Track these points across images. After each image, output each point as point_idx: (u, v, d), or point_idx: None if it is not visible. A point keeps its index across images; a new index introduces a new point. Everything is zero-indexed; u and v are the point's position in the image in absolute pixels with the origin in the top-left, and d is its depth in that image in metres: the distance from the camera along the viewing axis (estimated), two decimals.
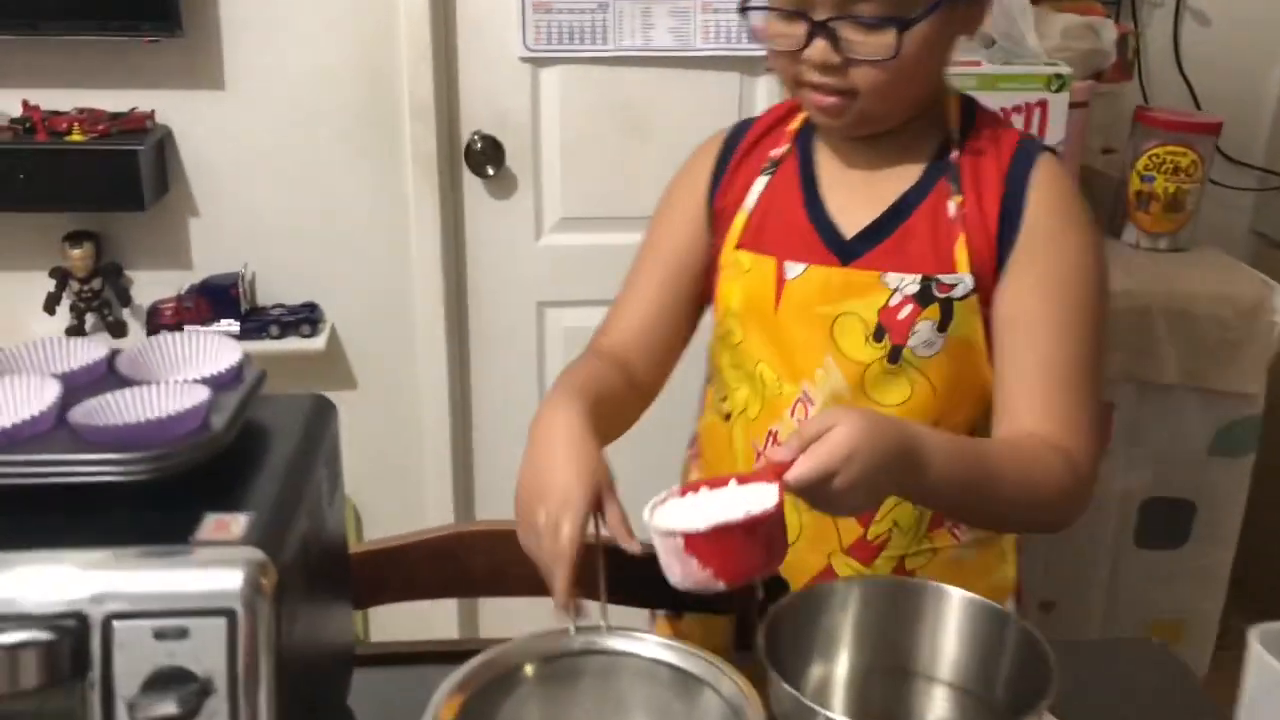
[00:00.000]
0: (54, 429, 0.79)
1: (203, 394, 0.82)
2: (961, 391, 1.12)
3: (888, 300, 1.09)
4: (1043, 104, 1.69)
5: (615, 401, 1.12)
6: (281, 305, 2.20)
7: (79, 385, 0.86)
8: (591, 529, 0.94)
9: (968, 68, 1.69)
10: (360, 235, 2.21)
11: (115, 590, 0.71)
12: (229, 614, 0.71)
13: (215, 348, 0.92)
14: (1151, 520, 1.76)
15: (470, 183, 2.23)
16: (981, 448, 1.05)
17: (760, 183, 1.17)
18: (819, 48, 1.03)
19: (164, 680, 0.70)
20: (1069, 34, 1.86)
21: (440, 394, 2.28)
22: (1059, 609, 1.81)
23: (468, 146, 2.21)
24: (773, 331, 1.14)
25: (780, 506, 0.88)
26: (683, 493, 0.93)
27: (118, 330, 2.16)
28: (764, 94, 2.21)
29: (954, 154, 1.12)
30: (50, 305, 2.12)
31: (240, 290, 2.13)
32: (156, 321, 2.10)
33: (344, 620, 1.01)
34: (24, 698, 0.69)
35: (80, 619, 0.70)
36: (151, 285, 2.17)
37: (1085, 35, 1.87)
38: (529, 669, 0.92)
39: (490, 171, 2.20)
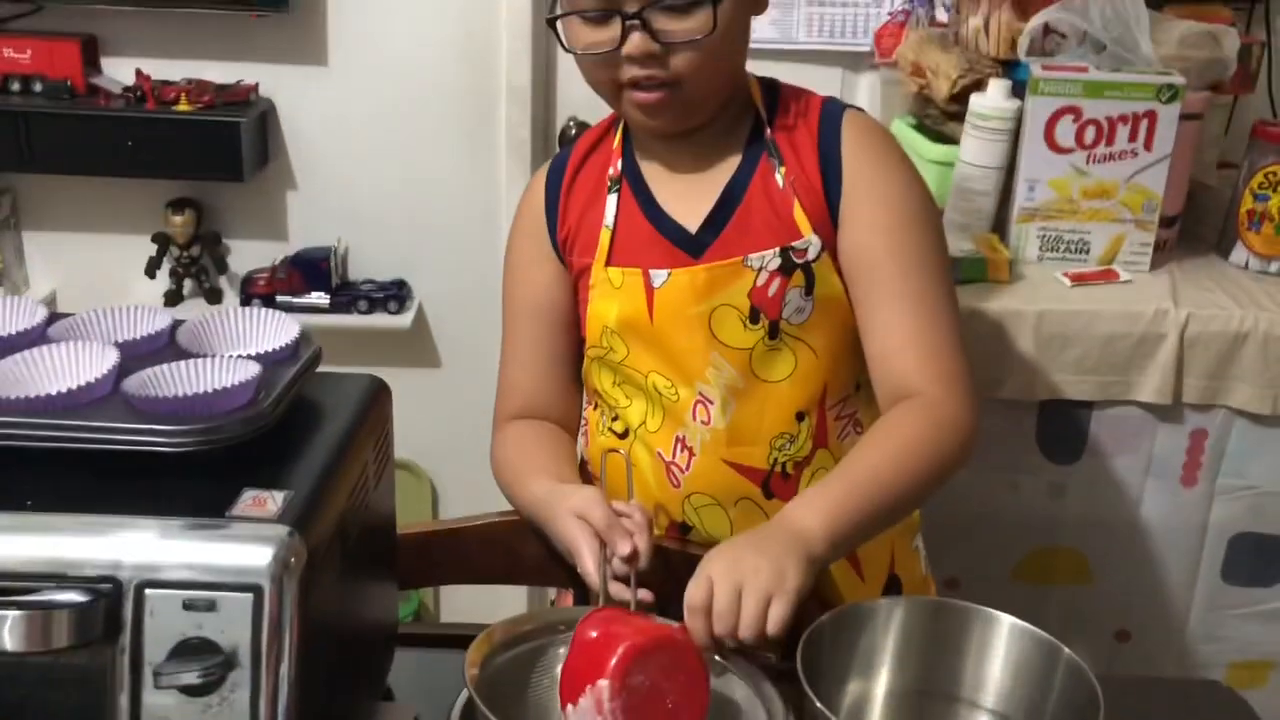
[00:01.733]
0: (109, 396, 0.81)
1: (254, 370, 0.84)
2: (840, 351, 1.17)
3: (754, 281, 1.13)
4: (1150, 115, 1.62)
5: (564, 446, 1.22)
6: (371, 281, 2.24)
7: (140, 354, 0.88)
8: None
9: (1073, 73, 1.62)
10: (452, 216, 2.23)
11: (150, 560, 0.72)
12: (255, 590, 0.72)
13: (274, 324, 0.94)
14: (1241, 556, 1.68)
15: None
16: (859, 469, 1.05)
17: (612, 201, 1.19)
18: (636, 41, 1.05)
19: (190, 650, 0.71)
20: (1187, 42, 1.77)
21: None
22: (1135, 641, 1.74)
23: (562, 132, 2.21)
24: (654, 342, 1.16)
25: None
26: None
27: (213, 297, 2.22)
28: (866, 89, 2.17)
29: (768, 132, 1.16)
30: (151, 269, 2.19)
31: (332, 264, 2.17)
32: (250, 290, 2.16)
33: (386, 600, 1.02)
34: (55, 656, 0.70)
35: (115, 584, 0.72)
36: (248, 254, 2.23)
37: (1205, 44, 1.79)
38: (557, 633, 0.96)
39: None
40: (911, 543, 1.33)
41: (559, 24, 1.10)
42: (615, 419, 1.22)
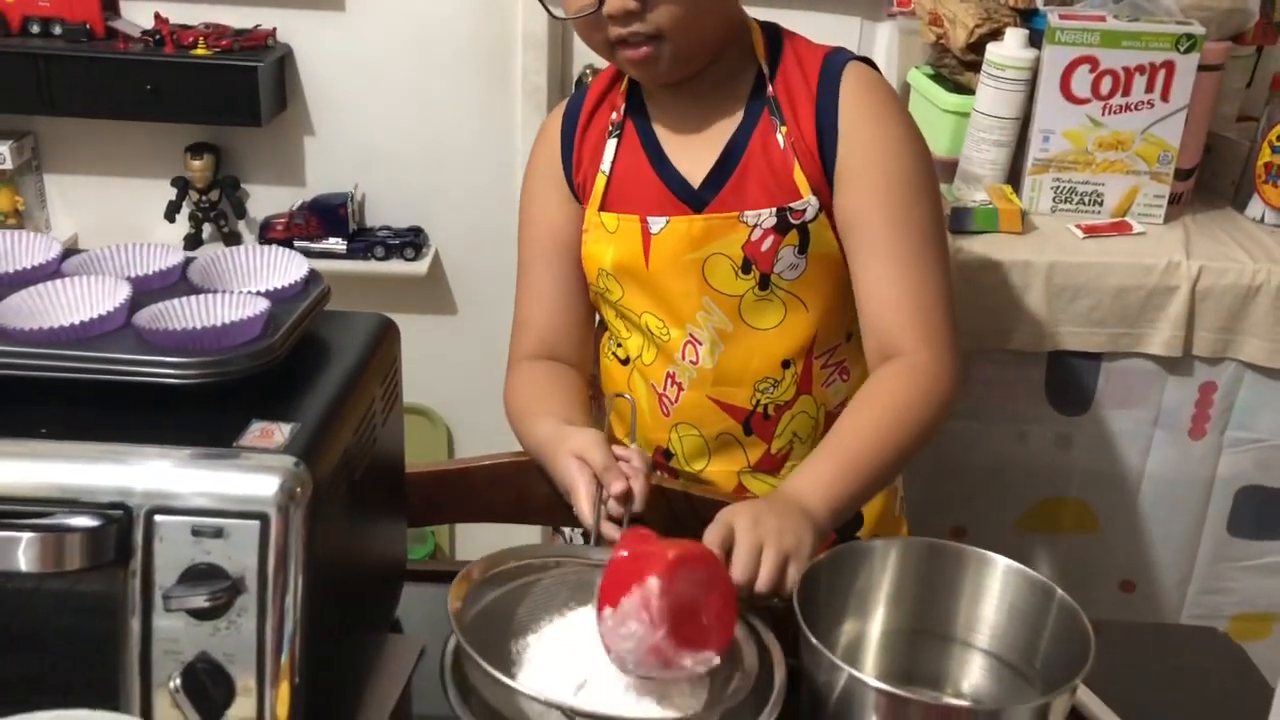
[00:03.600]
0: (121, 329, 0.83)
1: (262, 305, 0.85)
2: (831, 304, 1.19)
3: (749, 236, 1.15)
4: (1168, 65, 1.61)
5: (574, 389, 1.23)
6: (388, 228, 2.25)
7: (152, 289, 0.89)
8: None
9: (1090, 22, 1.61)
10: (468, 163, 2.23)
11: (159, 487, 0.74)
12: (262, 518, 0.73)
13: (284, 261, 0.95)
14: (1247, 509, 1.69)
15: None
16: (848, 438, 1.07)
17: (611, 146, 1.21)
18: (614, 1, 1.06)
19: (198, 575, 0.74)
20: None
21: None
22: (1140, 591, 1.75)
23: (579, 80, 2.21)
24: (649, 285, 1.19)
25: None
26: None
27: (232, 240, 2.24)
28: (884, 38, 2.15)
29: (769, 88, 1.16)
30: (171, 213, 2.20)
31: (349, 210, 2.18)
32: (268, 235, 2.18)
33: (394, 535, 1.04)
34: (68, 578, 0.73)
35: (126, 510, 0.74)
36: (266, 199, 2.25)
37: None
38: (539, 566, 0.97)
39: None
40: None
41: None
42: (620, 345, 1.27)
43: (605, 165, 1.20)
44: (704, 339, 1.19)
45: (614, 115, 1.22)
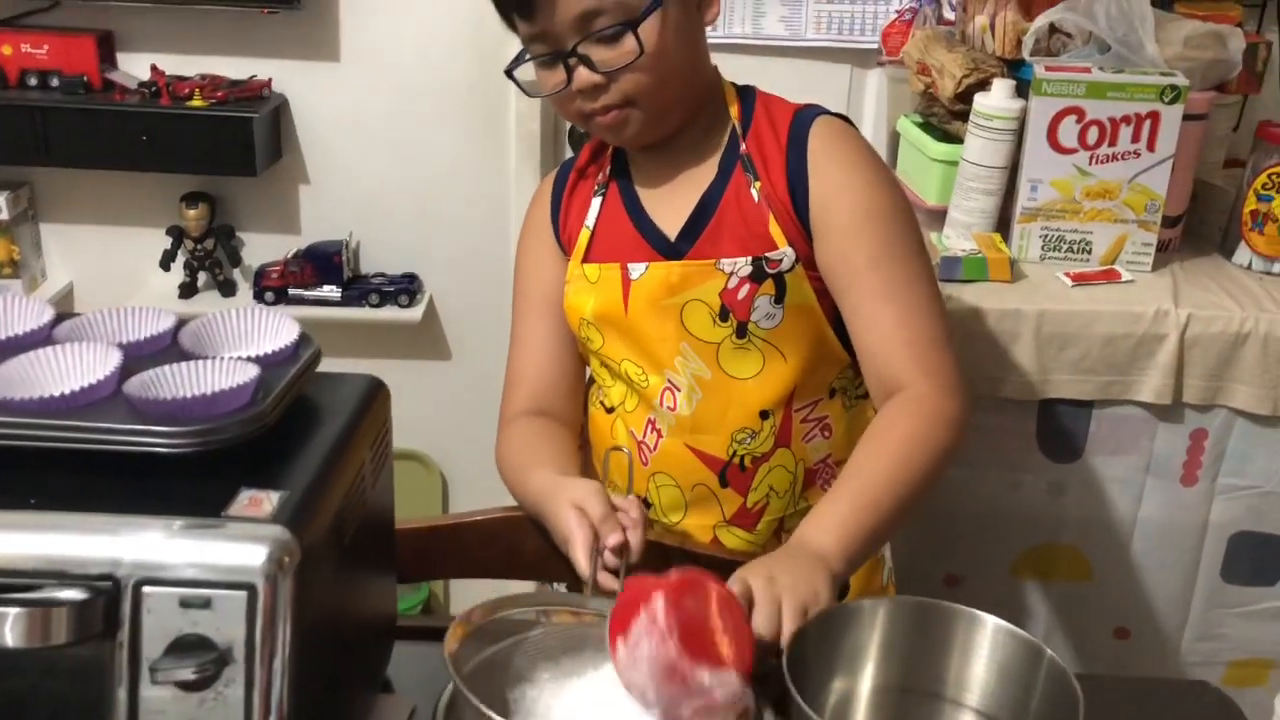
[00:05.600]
0: (111, 396, 0.83)
1: (252, 372, 0.85)
2: (809, 355, 1.20)
3: (725, 284, 1.17)
4: (1154, 115, 1.62)
5: (566, 445, 1.25)
6: (383, 275, 2.26)
7: (143, 355, 0.90)
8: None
9: (1076, 74, 1.63)
10: (462, 211, 2.25)
11: (148, 558, 0.74)
12: (250, 588, 0.73)
13: (275, 324, 0.95)
14: (1240, 555, 1.69)
15: None
16: (863, 480, 1.07)
17: (595, 203, 1.25)
18: (580, 76, 1.11)
19: (186, 646, 0.73)
20: (1192, 42, 1.77)
21: None
22: (1134, 638, 1.75)
23: (572, 127, 2.22)
24: (628, 332, 1.22)
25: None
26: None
27: (227, 289, 2.25)
28: (874, 86, 2.18)
29: (742, 146, 1.19)
30: (166, 262, 2.22)
31: (344, 258, 2.20)
32: (263, 283, 2.19)
33: (384, 595, 1.04)
34: (55, 650, 0.73)
35: (114, 581, 0.74)
36: (261, 248, 2.26)
37: (1210, 44, 1.78)
38: (537, 617, 0.97)
39: None
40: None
41: (517, 76, 1.15)
42: (604, 395, 1.29)
43: (589, 220, 1.25)
44: (682, 385, 1.21)
45: (600, 176, 1.26)
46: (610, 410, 1.28)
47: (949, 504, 1.66)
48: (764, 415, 1.21)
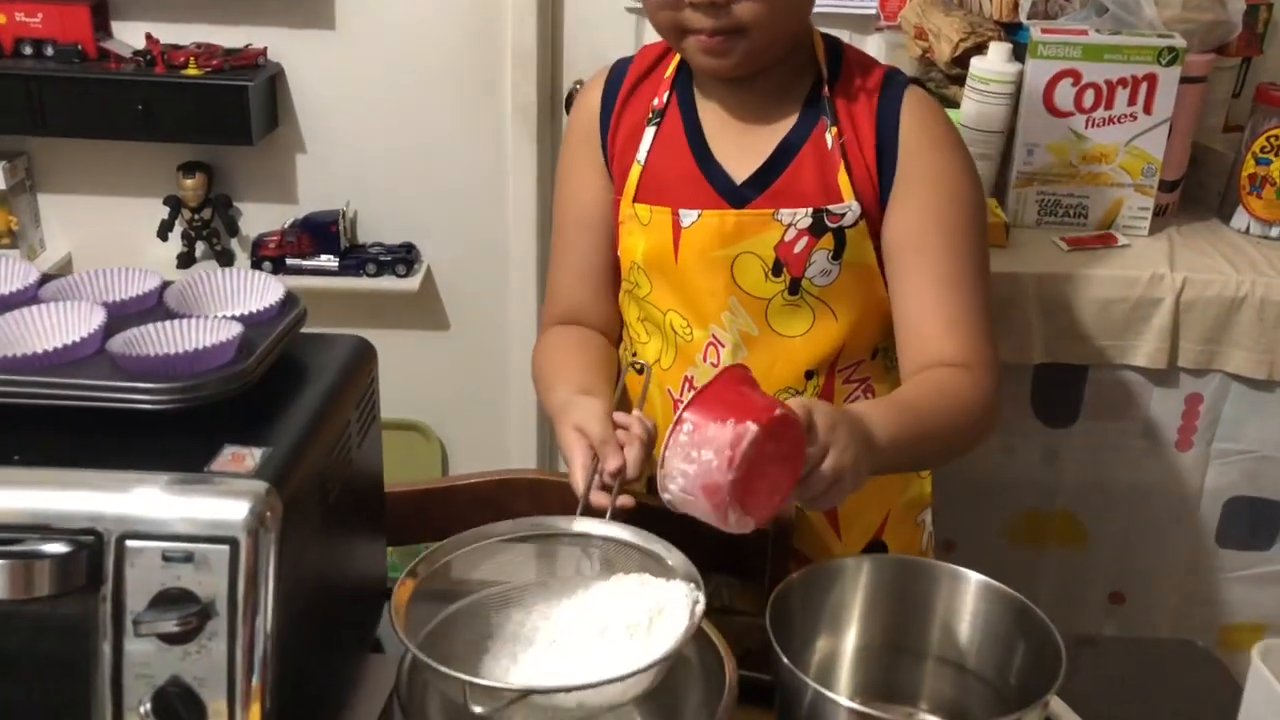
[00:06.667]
0: (95, 355, 0.84)
1: (235, 330, 0.86)
2: (861, 316, 1.17)
3: (782, 236, 1.14)
4: (1150, 78, 1.61)
5: (597, 353, 1.21)
6: (380, 244, 2.26)
7: (128, 314, 0.90)
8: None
9: (1072, 36, 1.62)
10: (459, 180, 2.25)
11: (131, 513, 0.75)
12: (232, 542, 0.74)
13: (260, 285, 0.96)
14: (1235, 520, 1.69)
15: None
16: (910, 402, 1.07)
17: (649, 134, 1.18)
18: None
19: (169, 600, 0.74)
20: (1191, 4, 1.76)
21: (529, 338, 2.28)
22: (1130, 603, 1.75)
23: (569, 95, 2.22)
24: (676, 280, 1.18)
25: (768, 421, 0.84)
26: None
27: (225, 259, 2.25)
28: (872, 51, 2.15)
29: (825, 90, 1.15)
30: (163, 232, 2.22)
31: (341, 227, 2.20)
32: (260, 253, 2.19)
33: (373, 556, 1.04)
34: (40, 603, 0.73)
35: (97, 536, 0.74)
36: (258, 217, 2.26)
37: (1210, 5, 1.77)
38: (500, 546, 0.97)
39: None
40: (916, 516, 1.34)
41: None
42: (635, 355, 1.26)
43: (641, 155, 1.18)
44: (727, 341, 1.18)
45: (656, 101, 1.19)
46: (640, 370, 1.22)
47: (943, 470, 1.66)
48: (809, 375, 1.18)
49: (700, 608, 0.85)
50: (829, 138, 1.14)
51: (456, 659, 0.85)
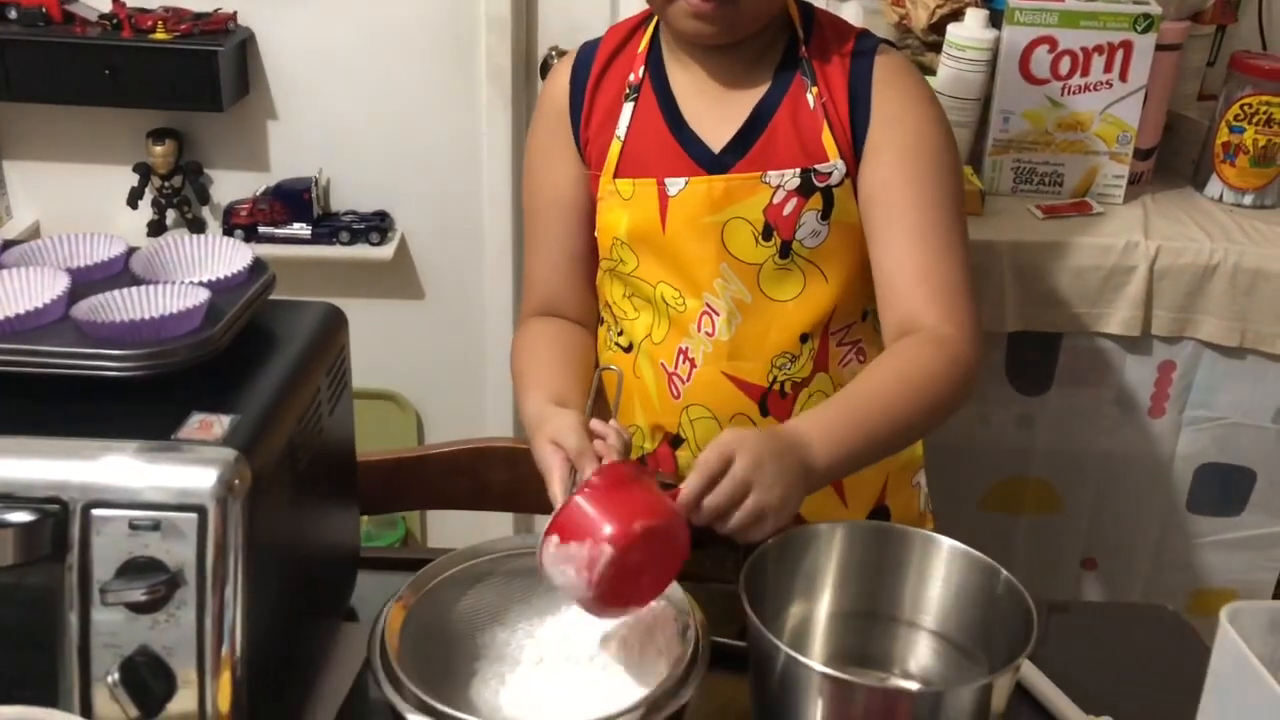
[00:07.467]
0: (59, 321, 0.83)
1: (202, 295, 0.85)
2: (851, 277, 1.18)
3: (771, 198, 1.13)
4: (1126, 45, 1.61)
5: (573, 350, 1.20)
6: (353, 212, 2.23)
7: (93, 280, 0.89)
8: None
9: (1049, 3, 1.61)
10: (433, 147, 2.22)
11: (96, 481, 0.74)
12: (200, 510, 0.73)
13: (228, 251, 0.94)
14: (1207, 486, 1.70)
15: None
16: (865, 404, 1.04)
17: (627, 110, 1.18)
18: None
19: (136, 569, 0.73)
20: None
21: (505, 306, 2.31)
22: (1101, 568, 1.77)
23: (544, 61, 2.19)
24: (664, 251, 1.17)
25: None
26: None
27: (196, 227, 2.22)
28: (849, 18, 2.14)
29: (802, 49, 1.15)
30: (133, 200, 2.18)
31: (313, 195, 2.17)
32: (232, 221, 2.16)
33: (346, 524, 1.04)
34: (5, 572, 0.72)
35: (62, 504, 0.73)
36: (230, 185, 2.23)
37: None
38: (487, 566, 0.98)
39: None
40: (911, 478, 1.33)
41: None
42: (621, 333, 1.24)
43: (620, 130, 1.18)
44: (721, 309, 1.17)
45: (632, 77, 1.19)
46: (628, 349, 1.23)
47: None
48: (803, 338, 1.18)
49: (692, 633, 0.87)
50: (810, 98, 1.14)
51: (446, 683, 0.87)
